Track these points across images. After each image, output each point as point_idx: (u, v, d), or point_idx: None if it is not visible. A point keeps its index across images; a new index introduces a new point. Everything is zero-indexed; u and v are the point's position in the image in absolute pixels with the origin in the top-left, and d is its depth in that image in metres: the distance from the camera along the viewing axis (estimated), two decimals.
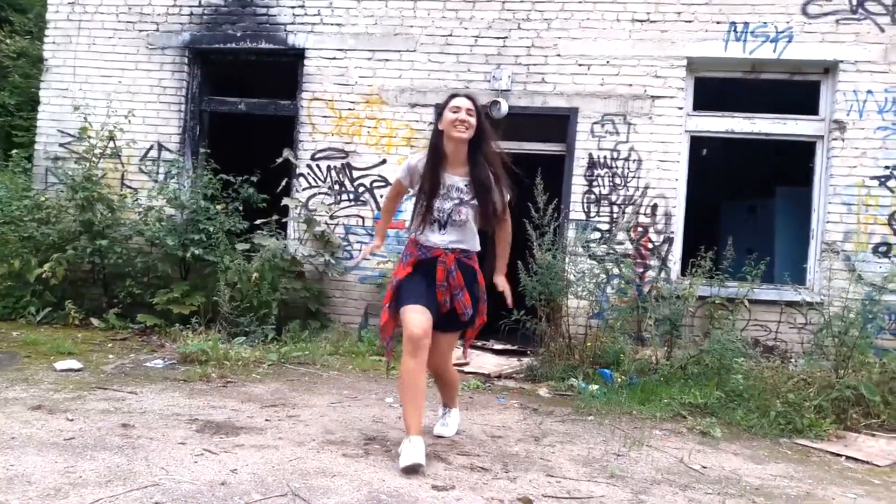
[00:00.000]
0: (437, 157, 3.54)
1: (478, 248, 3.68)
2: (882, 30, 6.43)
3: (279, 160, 7.12)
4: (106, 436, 3.56)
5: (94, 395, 4.38)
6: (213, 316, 6.39)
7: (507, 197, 3.60)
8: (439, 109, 3.60)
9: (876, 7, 6.45)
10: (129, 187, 7.37)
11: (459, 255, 3.57)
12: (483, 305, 3.71)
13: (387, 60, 7.11)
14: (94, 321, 6.75)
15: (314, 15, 7.24)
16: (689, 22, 6.67)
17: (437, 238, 3.55)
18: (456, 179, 3.55)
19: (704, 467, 3.73)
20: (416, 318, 3.38)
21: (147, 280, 6.88)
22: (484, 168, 3.52)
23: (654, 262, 6.68)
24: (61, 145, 7.53)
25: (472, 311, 3.61)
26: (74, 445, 3.38)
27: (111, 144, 7.27)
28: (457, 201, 3.53)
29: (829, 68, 6.59)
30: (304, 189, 7.22)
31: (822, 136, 6.65)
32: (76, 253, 6.77)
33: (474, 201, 3.53)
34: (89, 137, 7.15)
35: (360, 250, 7.07)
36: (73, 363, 5.14)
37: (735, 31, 6.61)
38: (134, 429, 3.71)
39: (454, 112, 3.47)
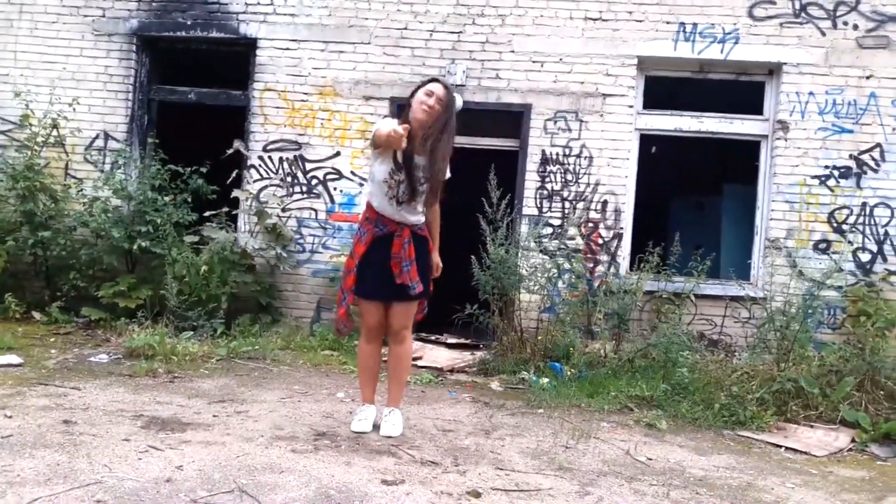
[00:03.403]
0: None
1: (424, 219, 3.86)
2: (823, 34, 6.64)
3: (229, 151, 7.01)
4: (46, 433, 3.47)
5: (35, 392, 4.27)
6: (160, 310, 6.25)
7: (445, 176, 3.79)
8: (415, 88, 3.74)
9: (818, 12, 6.65)
10: (74, 177, 7.16)
11: (413, 228, 3.74)
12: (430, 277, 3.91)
13: (341, 52, 7.05)
14: (36, 315, 6.55)
15: (267, 4, 7.12)
16: (640, 21, 6.78)
17: (387, 210, 3.69)
18: (420, 160, 3.68)
19: (650, 459, 3.82)
20: (372, 311, 3.79)
21: (92, 273, 6.69)
22: (437, 153, 3.68)
23: (604, 258, 6.79)
24: (1, 133, 7.27)
25: (421, 286, 3.74)
26: (13, 443, 3.29)
27: (55, 133, 7.05)
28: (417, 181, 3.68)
29: (774, 70, 6.78)
30: (255, 181, 7.12)
31: (766, 136, 6.85)
32: (17, 244, 6.55)
33: (425, 182, 3.68)
34: (31, 125, 6.93)
35: (312, 243, 7.03)
36: (13, 358, 4.98)
37: (684, 31, 6.74)
38: (76, 425, 3.63)
39: (427, 95, 3.64)
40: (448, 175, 3.80)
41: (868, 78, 6.60)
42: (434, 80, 3.77)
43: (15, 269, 6.80)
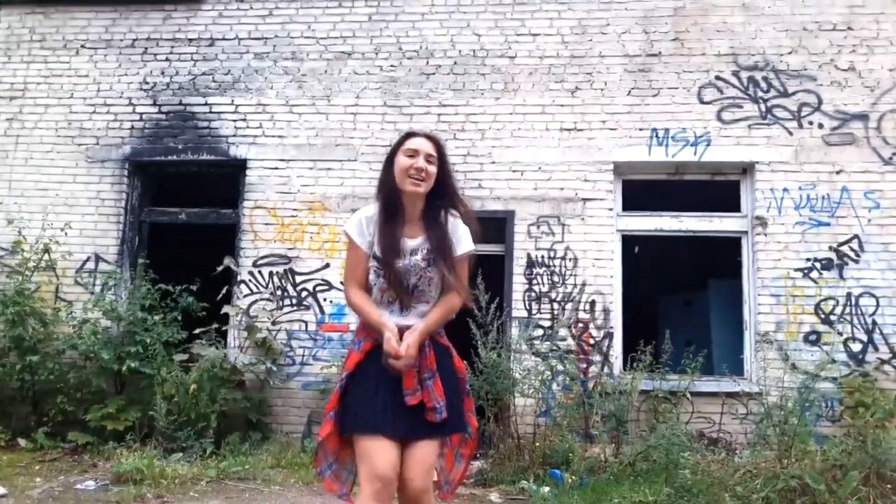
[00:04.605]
0: (391, 214, 2.78)
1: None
2: (791, 133, 6.94)
3: (219, 269, 7.09)
4: None
5: None
6: (149, 431, 6.13)
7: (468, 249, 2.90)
8: (391, 151, 2.85)
9: (783, 113, 6.98)
10: (64, 300, 7.17)
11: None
12: (469, 407, 2.90)
13: (329, 170, 7.28)
14: (22, 442, 6.39)
15: (256, 127, 7.41)
16: (614, 129, 7.08)
17: (397, 320, 2.74)
18: (416, 242, 2.81)
19: None
20: (383, 451, 2.58)
21: (80, 396, 6.57)
22: (442, 226, 2.84)
23: (596, 358, 6.77)
24: None
25: (452, 413, 2.72)
26: None
27: (46, 257, 7.13)
28: (420, 273, 2.77)
29: (747, 168, 7.03)
30: (245, 296, 7.15)
31: (746, 232, 7.01)
32: (4, 370, 6.48)
33: (432, 267, 2.79)
34: (23, 251, 7.01)
35: (302, 355, 6.98)
36: None
37: (657, 136, 7.04)
38: None
39: (409, 157, 2.75)
40: (471, 246, 2.90)
41: (838, 173, 6.84)
42: (411, 133, 2.86)
43: (1, 396, 6.68)
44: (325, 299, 7.09)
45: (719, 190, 7.24)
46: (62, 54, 7.73)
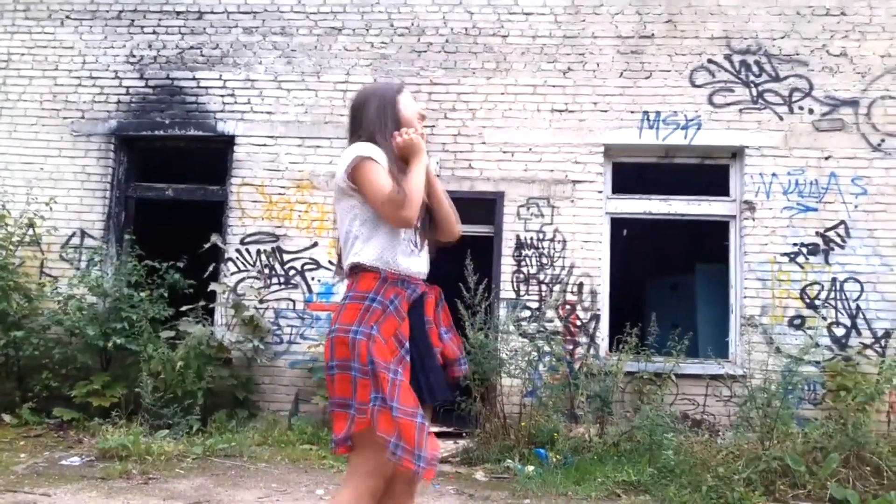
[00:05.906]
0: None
1: None
2: (781, 118, 6.95)
3: (206, 245, 7.04)
4: None
5: (3, 500, 4.10)
6: (135, 408, 6.13)
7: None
8: (390, 95, 2.65)
9: (774, 98, 6.98)
10: (49, 275, 7.11)
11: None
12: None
13: (317, 147, 7.22)
14: (6, 417, 6.36)
15: (244, 103, 7.33)
16: (605, 111, 7.06)
17: (413, 263, 2.51)
18: None
19: None
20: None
21: (65, 372, 6.55)
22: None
23: (583, 339, 6.80)
24: None
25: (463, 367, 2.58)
26: None
27: (31, 232, 7.05)
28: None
29: (737, 153, 7.04)
30: (232, 273, 7.12)
31: (734, 216, 7.03)
32: None
33: None
34: (7, 225, 6.93)
35: (290, 334, 6.97)
36: None
37: (648, 119, 7.02)
38: None
39: (421, 119, 2.68)
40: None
41: (827, 159, 6.85)
42: (404, 87, 2.74)
43: None
44: (312, 278, 7.07)
45: (708, 174, 7.25)
46: (47, 25, 7.58)
